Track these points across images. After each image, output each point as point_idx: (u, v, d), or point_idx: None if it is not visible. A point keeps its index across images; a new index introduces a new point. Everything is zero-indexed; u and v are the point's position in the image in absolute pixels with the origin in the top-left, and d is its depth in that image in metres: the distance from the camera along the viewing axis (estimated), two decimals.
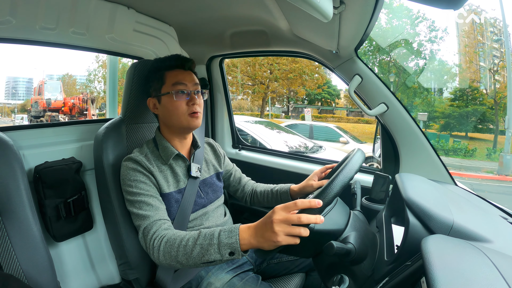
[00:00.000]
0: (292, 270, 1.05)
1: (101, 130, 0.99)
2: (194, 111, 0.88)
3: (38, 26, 0.95)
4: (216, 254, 0.65)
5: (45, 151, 1.08)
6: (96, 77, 17.98)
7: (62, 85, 12.60)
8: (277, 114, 19.38)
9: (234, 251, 0.63)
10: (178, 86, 0.88)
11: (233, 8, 1.06)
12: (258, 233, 0.62)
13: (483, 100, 14.35)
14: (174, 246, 0.71)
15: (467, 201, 0.81)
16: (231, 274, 0.88)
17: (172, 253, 0.70)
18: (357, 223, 0.75)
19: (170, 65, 0.91)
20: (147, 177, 0.85)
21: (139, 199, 0.82)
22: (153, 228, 0.78)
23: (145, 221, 0.79)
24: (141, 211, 0.80)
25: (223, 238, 0.65)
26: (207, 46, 1.44)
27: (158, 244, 0.74)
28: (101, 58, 17.54)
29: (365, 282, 0.69)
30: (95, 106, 10.69)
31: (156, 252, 0.73)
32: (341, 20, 0.75)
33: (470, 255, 0.48)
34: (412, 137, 1.04)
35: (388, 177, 0.99)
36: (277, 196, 1.06)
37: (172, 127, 0.92)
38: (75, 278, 1.12)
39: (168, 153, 0.91)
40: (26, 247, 0.77)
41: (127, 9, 1.09)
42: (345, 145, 6.82)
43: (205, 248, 0.66)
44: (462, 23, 15.23)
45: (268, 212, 0.62)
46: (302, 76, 17.05)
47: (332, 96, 22.49)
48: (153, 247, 0.74)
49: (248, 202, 1.15)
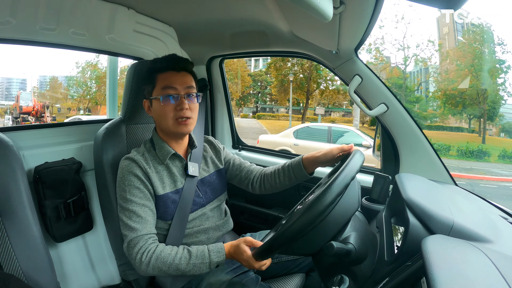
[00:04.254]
0: (292, 270, 1.04)
1: (101, 130, 0.99)
2: (181, 116, 0.85)
3: (38, 27, 0.95)
4: (207, 269, 0.79)
5: (45, 152, 1.08)
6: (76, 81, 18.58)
7: (32, 94, 16.61)
8: (245, 114, 19.80)
9: (220, 264, 0.80)
10: (167, 90, 0.86)
11: (233, 9, 1.06)
12: (236, 258, 0.79)
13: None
14: (166, 264, 0.78)
15: (467, 201, 0.81)
16: (231, 275, 0.88)
17: (163, 268, 0.78)
18: (357, 223, 0.75)
19: (161, 67, 0.88)
20: (141, 182, 0.85)
21: (130, 208, 0.82)
22: (139, 243, 0.80)
23: (132, 234, 0.81)
24: (130, 222, 0.82)
25: (213, 257, 0.78)
26: (207, 47, 1.44)
27: (147, 259, 0.78)
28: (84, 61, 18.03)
29: (365, 283, 0.68)
30: (49, 111, 14.60)
31: (145, 266, 0.78)
32: (341, 21, 0.75)
33: (470, 255, 0.48)
34: (412, 137, 1.04)
35: (388, 177, 0.99)
36: (289, 172, 0.96)
37: (163, 131, 0.91)
38: (75, 279, 1.12)
39: (164, 152, 0.90)
40: (26, 247, 0.77)
41: (127, 10, 1.09)
42: (368, 149, 5.99)
43: (198, 266, 0.78)
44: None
45: (241, 252, 0.77)
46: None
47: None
48: (141, 261, 0.79)
49: (257, 188, 1.04)
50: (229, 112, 1.67)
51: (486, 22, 17.77)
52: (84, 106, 18.66)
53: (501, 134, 16.14)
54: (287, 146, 6.72)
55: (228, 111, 1.66)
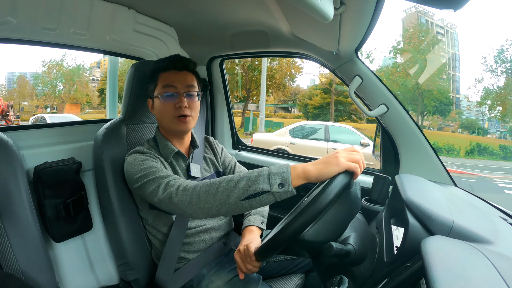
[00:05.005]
0: (292, 270, 1.04)
1: (101, 130, 0.99)
2: (180, 114, 0.86)
3: (38, 27, 0.95)
4: (265, 184, 0.61)
5: (45, 151, 1.08)
6: (42, 80, 18.78)
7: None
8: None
9: (285, 182, 0.60)
10: (167, 88, 0.87)
11: (233, 9, 1.06)
12: (319, 162, 0.62)
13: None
14: (215, 184, 0.65)
15: (466, 202, 0.81)
16: (233, 273, 0.88)
17: (211, 191, 0.65)
18: (356, 224, 0.75)
19: (163, 67, 0.90)
20: (153, 158, 0.85)
21: (149, 170, 0.79)
22: (179, 181, 0.73)
23: (164, 179, 0.75)
24: (155, 176, 0.76)
25: (273, 169, 0.62)
26: (208, 47, 1.44)
27: (193, 185, 0.69)
28: (49, 59, 18.28)
29: (364, 283, 0.68)
30: (13, 110, 14.58)
31: (190, 191, 0.68)
32: (341, 21, 0.75)
33: (469, 256, 0.48)
34: (412, 138, 1.04)
35: (388, 178, 0.99)
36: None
37: (164, 129, 0.93)
38: (74, 279, 1.12)
39: (168, 151, 0.91)
40: (25, 247, 0.77)
41: (128, 10, 1.09)
42: (366, 148, 5.95)
43: (253, 179, 0.62)
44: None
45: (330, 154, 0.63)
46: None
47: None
48: (185, 188, 0.69)
49: None
50: (229, 112, 1.67)
51: (451, 23, 18.66)
52: (51, 104, 18.76)
53: (458, 130, 17.87)
54: (283, 145, 6.58)
55: (228, 111, 1.67)
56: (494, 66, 16.00)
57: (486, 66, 16.26)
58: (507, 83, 15.74)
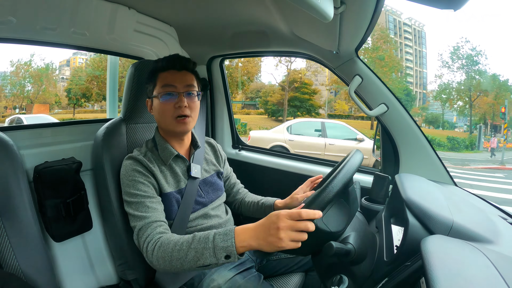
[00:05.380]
0: (292, 268, 1.05)
1: (101, 130, 0.99)
2: (180, 114, 0.85)
3: (39, 26, 0.95)
4: (212, 258, 0.64)
5: (45, 151, 1.08)
6: (10, 80, 18.60)
7: None
8: None
9: (230, 254, 0.62)
10: (166, 88, 0.86)
11: (233, 9, 1.06)
12: (259, 236, 0.61)
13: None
14: (168, 251, 0.69)
15: (466, 201, 0.81)
16: (234, 272, 0.88)
17: (166, 257, 0.69)
18: (356, 223, 0.75)
19: (163, 66, 0.89)
20: (146, 178, 0.85)
21: (136, 201, 0.82)
22: (147, 231, 0.77)
23: (140, 222, 0.78)
24: (137, 212, 0.80)
25: (218, 241, 0.64)
26: (208, 47, 1.44)
27: (152, 248, 0.73)
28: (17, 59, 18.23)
29: (364, 283, 0.69)
30: None
31: (150, 256, 0.73)
32: (341, 21, 0.75)
33: (469, 255, 0.48)
34: (412, 138, 1.04)
35: (388, 177, 0.99)
36: (261, 208, 1.05)
37: (163, 129, 0.92)
38: (74, 279, 1.12)
39: (167, 154, 0.90)
40: (25, 247, 0.77)
41: (128, 9, 1.09)
42: (361, 143, 6.38)
43: (200, 252, 0.65)
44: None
45: (270, 217, 0.60)
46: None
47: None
48: (147, 250, 0.74)
49: (235, 209, 1.15)
50: (229, 112, 1.67)
51: (419, 22, 19.23)
52: (19, 105, 18.58)
53: (422, 124, 18.95)
54: (281, 142, 6.70)
55: (228, 111, 1.67)
56: (450, 63, 17.49)
57: (442, 63, 17.85)
58: (467, 79, 17.04)
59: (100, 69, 17.65)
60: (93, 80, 18.58)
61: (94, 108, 20.67)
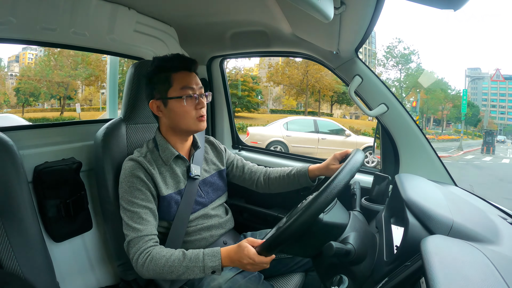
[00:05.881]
0: (291, 268, 1.05)
1: (101, 130, 0.99)
2: (202, 114, 0.89)
3: (39, 27, 0.95)
4: (200, 274, 0.76)
5: (45, 151, 1.08)
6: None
7: None
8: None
9: (216, 270, 0.76)
10: (187, 90, 0.87)
11: (233, 9, 1.06)
12: (236, 262, 0.75)
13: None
14: (159, 265, 0.77)
15: (466, 201, 0.81)
16: (234, 271, 0.88)
17: (157, 270, 0.77)
18: (356, 223, 0.75)
19: (175, 66, 0.88)
20: (144, 184, 0.85)
21: (132, 209, 0.83)
22: (139, 243, 0.81)
23: (132, 234, 0.82)
24: (131, 222, 0.83)
25: (207, 261, 0.76)
26: (208, 47, 1.44)
27: (143, 260, 0.78)
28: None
29: (364, 283, 0.69)
30: None
31: (140, 267, 0.79)
32: (341, 21, 0.75)
33: (469, 255, 0.48)
34: (412, 138, 1.04)
35: (388, 177, 0.99)
36: (294, 179, 1.03)
37: (179, 130, 0.91)
38: (74, 279, 1.12)
39: (168, 154, 0.91)
40: (25, 247, 0.77)
41: (128, 10, 1.09)
42: (348, 138, 7.64)
43: (191, 269, 0.76)
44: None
45: (240, 251, 0.73)
46: None
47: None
48: (137, 261, 0.79)
49: (261, 188, 1.10)
50: (229, 112, 1.67)
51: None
52: None
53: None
54: (279, 137, 7.39)
55: (228, 112, 1.67)
56: (384, 61, 18.52)
57: (377, 61, 18.88)
58: (406, 76, 18.49)
59: (48, 69, 16.80)
60: (41, 79, 17.47)
61: (44, 107, 19.99)
